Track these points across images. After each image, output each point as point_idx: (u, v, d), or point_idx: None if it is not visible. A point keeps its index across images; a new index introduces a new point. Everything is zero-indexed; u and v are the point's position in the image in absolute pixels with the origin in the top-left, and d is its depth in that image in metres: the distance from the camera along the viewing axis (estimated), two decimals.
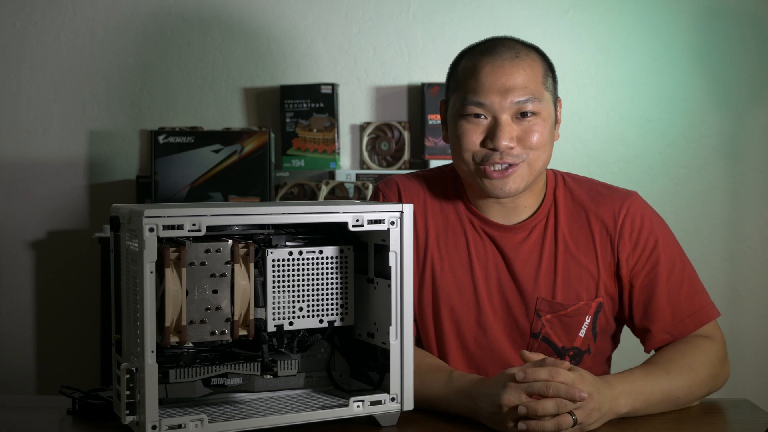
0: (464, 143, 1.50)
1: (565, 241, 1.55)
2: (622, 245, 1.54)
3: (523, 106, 1.48)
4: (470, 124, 1.50)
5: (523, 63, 1.50)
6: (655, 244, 1.54)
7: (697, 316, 1.51)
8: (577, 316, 1.53)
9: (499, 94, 1.48)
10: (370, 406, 1.32)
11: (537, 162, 1.51)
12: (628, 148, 3.00)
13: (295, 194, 2.85)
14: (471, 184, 1.55)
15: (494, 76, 1.49)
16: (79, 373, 3.03)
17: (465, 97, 1.50)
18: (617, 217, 1.55)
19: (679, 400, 1.42)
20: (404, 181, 1.64)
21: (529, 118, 1.49)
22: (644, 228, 1.54)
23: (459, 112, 1.51)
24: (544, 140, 1.50)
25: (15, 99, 3.06)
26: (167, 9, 3.04)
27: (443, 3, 3.02)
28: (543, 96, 1.51)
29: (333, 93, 2.95)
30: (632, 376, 1.39)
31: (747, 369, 2.97)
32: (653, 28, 2.99)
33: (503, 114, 1.48)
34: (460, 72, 1.55)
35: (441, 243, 1.58)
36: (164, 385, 1.30)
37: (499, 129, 1.47)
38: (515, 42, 1.54)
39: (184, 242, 1.25)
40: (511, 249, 1.55)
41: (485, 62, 1.50)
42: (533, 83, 1.49)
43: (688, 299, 1.52)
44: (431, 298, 1.57)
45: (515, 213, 1.57)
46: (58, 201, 3.06)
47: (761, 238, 3.00)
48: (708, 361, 1.46)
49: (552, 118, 1.53)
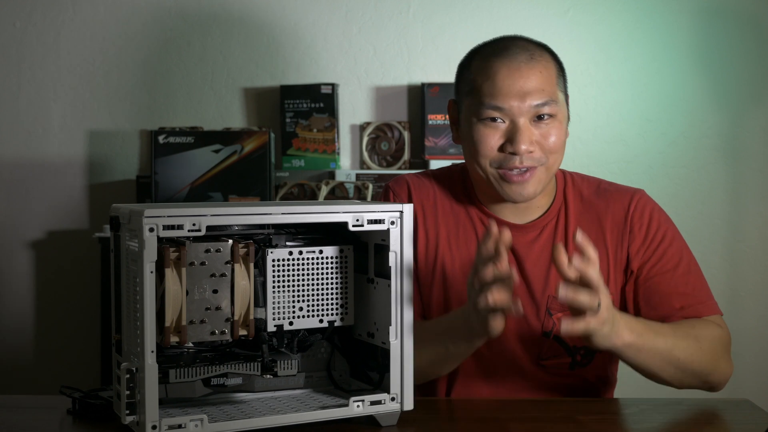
0: (482, 149, 1.49)
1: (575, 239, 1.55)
2: (632, 239, 1.55)
3: (541, 109, 1.48)
4: (488, 129, 1.49)
5: (539, 65, 1.49)
6: (663, 238, 1.55)
7: (701, 306, 1.52)
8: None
9: (517, 98, 1.47)
10: (370, 406, 1.31)
11: (554, 165, 1.52)
12: (628, 148, 3.00)
13: (295, 194, 2.85)
14: (485, 188, 1.55)
15: (511, 80, 1.47)
16: (79, 373, 3.03)
17: (481, 101, 1.49)
18: (627, 212, 1.56)
19: (679, 361, 1.42)
20: (415, 180, 1.64)
21: (546, 120, 1.49)
22: (653, 222, 1.55)
23: (475, 115, 1.50)
24: (561, 142, 1.51)
25: (15, 99, 3.06)
26: (167, 9, 3.04)
27: (443, 3, 3.02)
28: (558, 97, 1.50)
29: (333, 93, 2.95)
30: (638, 319, 1.40)
31: (747, 369, 2.97)
32: (653, 28, 3.00)
33: (521, 118, 1.47)
34: (473, 73, 1.53)
35: (452, 242, 1.58)
36: (164, 385, 1.30)
37: (519, 133, 1.47)
38: (527, 42, 1.53)
39: (184, 242, 1.25)
40: (522, 248, 1.55)
41: (500, 64, 1.49)
42: (549, 85, 1.49)
43: (694, 292, 1.53)
44: (442, 298, 1.56)
45: (527, 213, 1.57)
46: (58, 201, 3.06)
47: (761, 238, 3.01)
48: (714, 339, 1.47)
49: (566, 118, 1.54)
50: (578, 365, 1.55)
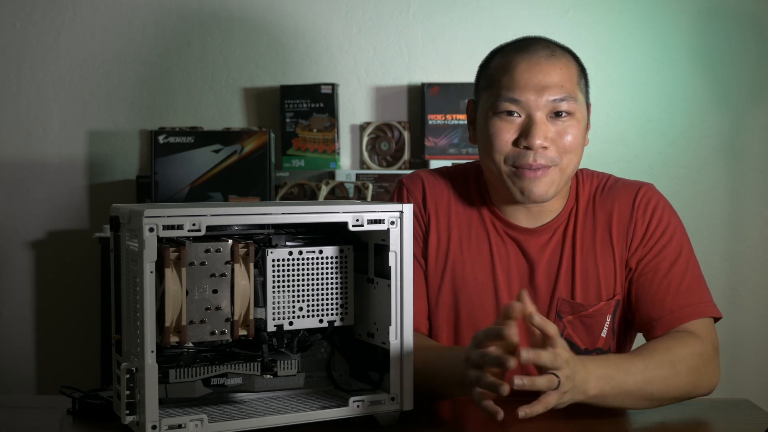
0: (496, 143, 1.47)
1: (583, 240, 1.53)
2: (634, 234, 1.52)
3: (559, 104, 1.46)
4: (503, 122, 1.47)
5: (559, 62, 1.48)
6: (664, 232, 1.52)
7: (696, 307, 1.47)
8: (598, 316, 1.51)
9: (534, 92, 1.45)
10: (370, 406, 1.31)
11: (569, 167, 1.49)
12: (628, 148, 3.00)
13: (295, 194, 2.85)
14: (498, 187, 1.53)
15: (530, 73, 1.46)
16: (79, 373, 3.03)
17: (499, 94, 1.47)
18: (632, 207, 1.54)
19: (653, 395, 1.37)
20: (430, 178, 1.61)
21: (563, 118, 1.47)
22: (655, 215, 1.53)
23: (492, 109, 1.48)
24: (578, 143, 1.48)
25: (15, 99, 3.06)
26: (167, 9, 3.04)
27: (443, 3, 3.02)
28: (578, 96, 1.48)
29: (333, 93, 2.95)
30: (608, 360, 1.34)
31: (747, 369, 2.97)
32: (653, 28, 3.00)
33: (538, 112, 1.45)
34: (492, 69, 1.51)
35: (464, 245, 1.56)
36: (164, 385, 1.30)
37: (534, 127, 1.45)
38: (550, 41, 1.52)
39: (184, 242, 1.25)
40: (535, 252, 1.53)
41: (520, 59, 1.47)
42: (569, 82, 1.47)
43: (689, 291, 1.48)
44: (451, 301, 1.55)
45: (540, 216, 1.54)
46: (58, 201, 3.06)
47: (761, 238, 3.01)
48: (694, 355, 1.41)
49: (585, 121, 1.51)
50: None
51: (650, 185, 1.58)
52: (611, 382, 1.32)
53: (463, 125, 2.92)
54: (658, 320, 1.48)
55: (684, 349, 1.41)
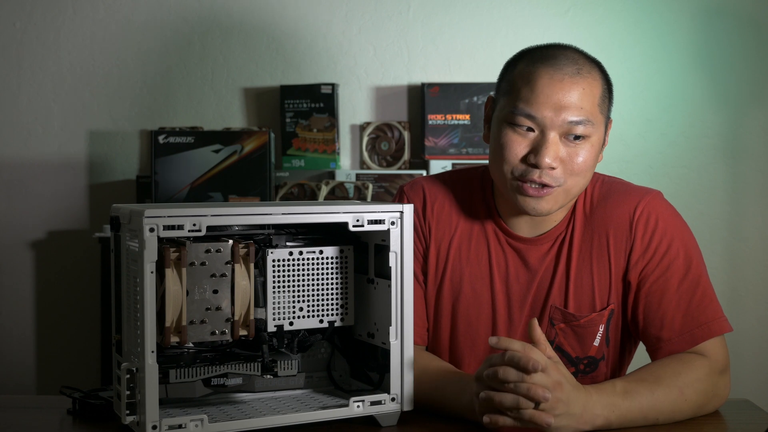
0: (507, 154, 1.44)
1: (580, 248, 1.50)
2: (633, 246, 1.47)
3: (575, 128, 1.41)
4: (516, 135, 1.43)
5: (583, 81, 1.42)
6: (669, 247, 1.46)
7: (707, 327, 1.43)
8: (591, 326, 1.49)
9: (552, 110, 1.40)
10: (370, 406, 1.32)
11: (574, 188, 1.45)
12: (628, 148, 3.00)
13: (295, 194, 2.85)
14: (503, 193, 1.49)
15: (551, 89, 1.41)
16: (79, 373, 3.03)
17: (516, 105, 1.43)
18: (632, 218, 1.48)
19: (658, 420, 1.35)
20: (430, 185, 1.58)
21: (578, 141, 1.43)
22: (658, 229, 1.47)
23: (507, 118, 1.44)
24: (587, 166, 1.44)
25: (15, 99, 3.06)
26: (167, 9, 3.04)
27: (443, 3, 3.02)
28: (596, 119, 1.43)
29: (333, 93, 2.95)
30: (612, 388, 1.32)
31: (747, 369, 2.97)
32: (653, 28, 3.00)
33: (552, 131, 1.41)
34: (515, 75, 1.46)
35: (463, 256, 1.54)
36: (164, 385, 1.30)
37: (545, 146, 1.40)
38: (578, 54, 1.46)
39: (184, 242, 1.25)
40: (536, 261, 1.51)
41: (543, 72, 1.42)
42: (589, 104, 1.42)
43: (700, 309, 1.44)
44: (450, 311, 1.54)
45: (543, 224, 1.52)
46: (58, 201, 3.06)
47: (761, 238, 3.01)
48: (702, 387, 1.38)
49: (600, 143, 1.47)
50: (582, 374, 1.52)
51: (655, 194, 1.53)
52: (616, 410, 1.30)
53: (462, 125, 2.92)
54: (668, 342, 1.44)
55: (692, 374, 1.38)
